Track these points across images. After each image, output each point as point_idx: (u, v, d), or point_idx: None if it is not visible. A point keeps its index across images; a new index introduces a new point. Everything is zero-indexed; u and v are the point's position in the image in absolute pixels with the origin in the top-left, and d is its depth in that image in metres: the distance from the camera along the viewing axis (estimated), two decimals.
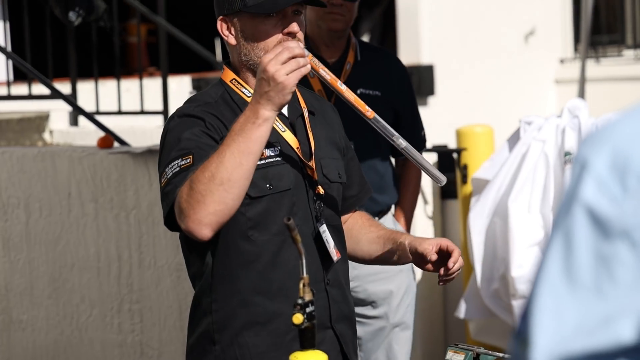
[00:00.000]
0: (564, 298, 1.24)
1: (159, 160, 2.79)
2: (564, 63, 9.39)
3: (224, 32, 2.81)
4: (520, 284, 4.97)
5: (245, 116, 2.62)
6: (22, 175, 5.24)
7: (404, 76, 4.34)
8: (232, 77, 2.84)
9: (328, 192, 2.86)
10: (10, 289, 5.33)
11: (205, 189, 2.58)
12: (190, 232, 2.62)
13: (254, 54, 2.77)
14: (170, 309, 5.01)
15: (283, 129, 2.81)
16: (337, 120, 3.02)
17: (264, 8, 2.74)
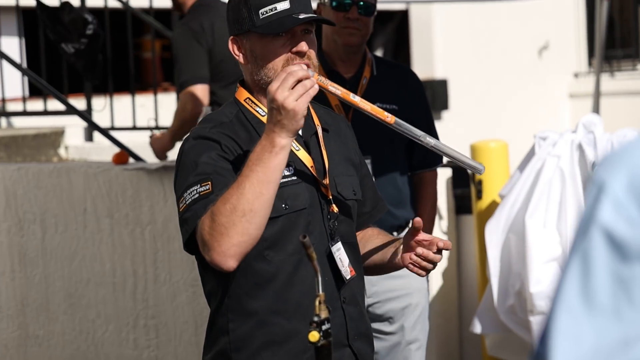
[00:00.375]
0: (582, 321, 1.24)
1: (175, 182, 2.80)
2: (578, 77, 9.38)
3: (235, 51, 2.84)
4: (538, 300, 4.97)
5: (262, 145, 2.63)
6: (37, 191, 5.26)
7: (420, 90, 4.35)
8: (246, 96, 2.85)
9: (343, 209, 2.86)
10: (27, 304, 5.34)
11: (227, 221, 2.59)
12: (215, 264, 2.64)
13: (264, 73, 2.79)
14: (186, 324, 5.02)
15: (297, 147, 2.82)
16: (351, 135, 3.03)
17: (272, 28, 2.76)
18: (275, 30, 2.75)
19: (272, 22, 2.76)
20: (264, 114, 2.81)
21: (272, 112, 2.61)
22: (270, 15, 2.77)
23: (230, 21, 2.85)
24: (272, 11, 2.78)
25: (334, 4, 4.15)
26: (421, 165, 4.32)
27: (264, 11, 2.78)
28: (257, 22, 2.77)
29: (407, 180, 4.33)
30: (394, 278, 4.23)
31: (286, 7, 2.78)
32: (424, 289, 4.29)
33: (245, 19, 2.79)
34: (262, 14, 2.78)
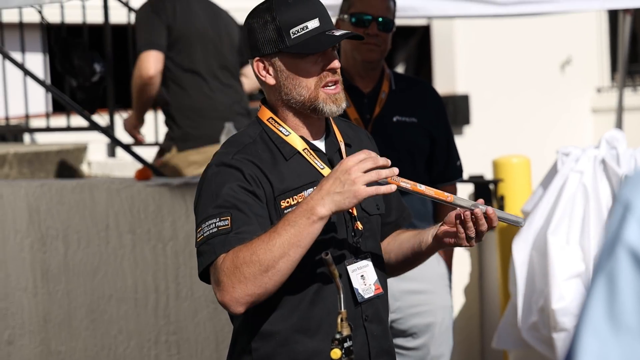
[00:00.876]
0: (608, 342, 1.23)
1: (195, 208, 2.79)
2: (600, 92, 9.36)
3: (261, 72, 2.80)
4: (561, 317, 4.95)
5: (302, 209, 2.61)
6: (60, 206, 5.28)
7: (439, 105, 4.35)
8: (269, 115, 2.83)
9: (367, 225, 2.85)
10: (49, 319, 5.36)
11: (249, 272, 2.60)
12: (224, 306, 2.65)
13: (296, 92, 2.77)
14: (207, 340, 5.02)
15: (322, 166, 2.81)
16: (373, 147, 3.01)
17: (309, 48, 2.74)
18: (314, 49, 2.73)
19: (307, 41, 2.74)
20: (287, 133, 2.80)
21: (335, 182, 2.59)
22: (303, 34, 2.75)
23: (255, 42, 2.79)
24: (304, 30, 2.75)
25: (354, 20, 4.16)
26: (441, 179, 4.32)
27: (295, 30, 2.75)
28: (288, 41, 2.75)
29: None
30: (418, 294, 4.22)
31: (317, 25, 2.76)
32: (448, 305, 4.29)
33: (275, 39, 2.76)
34: (294, 33, 2.75)
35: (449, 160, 4.32)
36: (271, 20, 2.77)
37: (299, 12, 2.76)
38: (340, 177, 2.58)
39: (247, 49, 2.84)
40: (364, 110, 4.21)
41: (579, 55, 9.45)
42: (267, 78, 2.80)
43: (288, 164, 2.77)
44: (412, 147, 4.23)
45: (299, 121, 2.81)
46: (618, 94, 8.61)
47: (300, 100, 2.76)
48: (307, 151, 2.80)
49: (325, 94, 2.77)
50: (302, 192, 2.75)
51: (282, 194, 2.74)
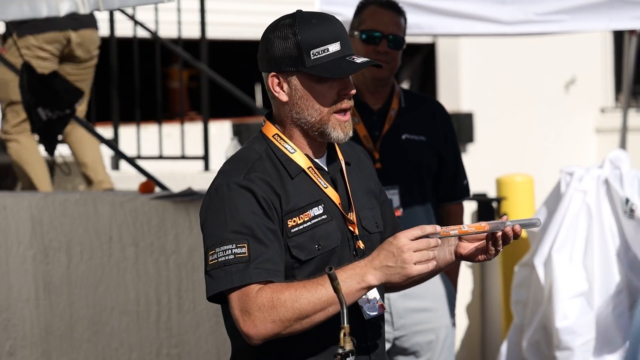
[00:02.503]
0: None
1: (203, 225, 2.74)
2: (604, 112, 9.37)
3: (275, 88, 2.77)
4: (564, 335, 4.94)
5: (354, 272, 2.63)
6: (64, 219, 5.29)
7: (448, 124, 4.35)
8: (275, 132, 2.80)
9: (367, 244, 2.84)
10: (50, 331, 5.35)
11: (285, 316, 2.61)
12: (246, 336, 2.65)
13: (308, 113, 2.75)
14: (209, 354, 5.01)
15: (325, 185, 2.80)
16: (370, 164, 3.00)
17: (328, 72, 2.72)
18: (333, 75, 2.72)
19: (327, 65, 2.72)
20: (292, 151, 2.78)
21: (387, 257, 2.61)
22: (323, 57, 2.73)
23: (273, 56, 2.76)
24: (324, 52, 2.73)
25: (364, 36, 4.17)
26: (448, 198, 4.32)
27: (316, 52, 2.73)
28: (308, 62, 2.72)
29: (434, 212, 4.32)
30: (422, 312, 4.21)
31: (337, 49, 2.74)
32: (450, 323, 4.28)
33: (295, 57, 2.73)
34: (314, 54, 2.73)
35: (456, 179, 4.32)
36: (293, 38, 2.73)
37: (321, 33, 2.73)
38: (394, 251, 2.61)
39: (263, 61, 2.80)
40: (373, 127, 4.21)
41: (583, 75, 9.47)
42: (280, 94, 2.77)
43: (293, 182, 2.76)
44: (420, 166, 4.22)
45: (304, 140, 2.80)
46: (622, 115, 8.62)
47: (311, 121, 2.75)
48: (312, 170, 2.79)
49: (335, 120, 2.76)
50: (308, 211, 2.75)
51: (289, 214, 2.73)
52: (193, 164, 7.21)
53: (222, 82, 7.30)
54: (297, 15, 2.76)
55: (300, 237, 2.73)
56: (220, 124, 8.26)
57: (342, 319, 2.51)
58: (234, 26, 9.57)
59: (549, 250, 5.11)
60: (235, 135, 7.08)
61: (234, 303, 2.66)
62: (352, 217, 2.82)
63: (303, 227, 2.73)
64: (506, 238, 2.76)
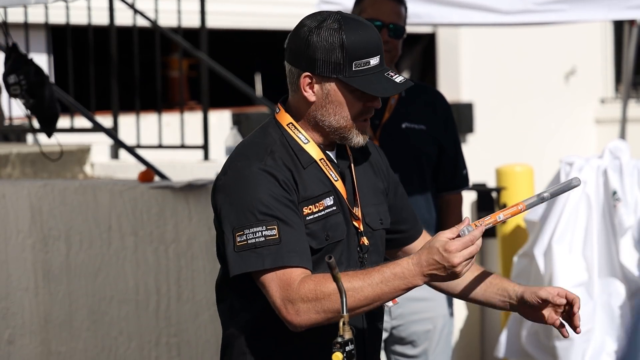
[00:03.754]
0: None
1: (221, 207, 2.74)
2: (604, 103, 9.37)
3: (305, 87, 2.76)
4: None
5: (403, 275, 2.64)
6: (63, 207, 5.28)
7: (448, 113, 4.34)
8: (289, 120, 2.81)
9: (371, 240, 2.85)
10: (50, 320, 5.36)
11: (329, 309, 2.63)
12: (289, 323, 2.67)
13: (334, 118, 2.76)
14: (208, 343, 5.02)
15: (336, 178, 2.81)
16: (380, 159, 2.99)
17: (370, 89, 2.73)
18: (375, 92, 2.73)
19: (369, 79, 2.72)
20: (306, 141, 2.79)
21: (438, 266, 2.62)
22: (364, 70, 2.73)
23: (313, 57, 2.74)
24: (366, 65, 2.74)
25: None
26: (447, 188, 4.32)
27: (358, 63, 2.73)
28: (348, 72, 2.72)
29: (434, 202, 4.32)
30: (419, 301, 4.22)
31: (377, 63, 2.75)
32: (448, 313, 4.28)
33: (339, 64, 2.72)
34: (356, 65, 2.73)
35: (456, 168, 4.32)
36: (339, 46, 2.73)
37: (365, 45, 2.74)
38: (445, 265, 2.61)
39: (298, 57, 2.78)
40: (373, 116, 4.20)
41: (583, 65, 9.46)
42: (309, 95, 2.77)
43: (306, 172, 2.77)
44: (420, 155, 4.22)
45: (317, 134, 2.81)
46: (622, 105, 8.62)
47: (335, 126, 2.77)
48: (324, 161, 2.80)
49: (359, 126, 2.78)
50: (322, 200, 2.76)
51: (305, 201, 2.74)
52: (193, 153, 7.21)
53: (221, 72, 7.29)
54: (342, 20, 2.75)
55: (314, 225, 2.74)
56: (220, 114, 8.26)
57: (342, 308, 2.52)
58: (234, 15, 9.56)
59: (548, 240, 5.11)
60: (235, 125, 7.07)
61: (274, 291, 2.67)
62: (357, 213, 2.82)
63: (317, 215, 2.75)
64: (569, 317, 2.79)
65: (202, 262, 5.00)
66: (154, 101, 7.35)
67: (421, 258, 2.63)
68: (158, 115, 7.13)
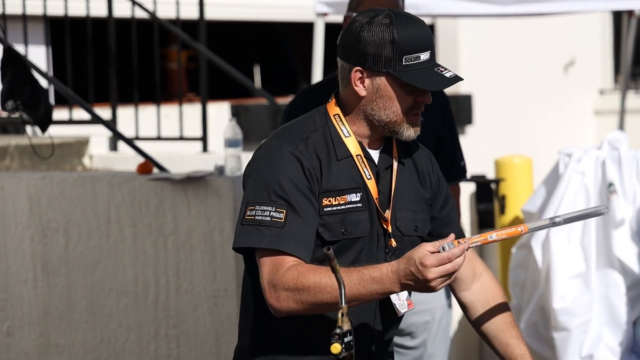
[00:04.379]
0: None
1: (247, 179, 2.79)
2: (603, 94, 9.36)
3: (356, 82, 2.78)
4: (562, 316, 4.95)
5: (380, 280, 2.65)
6: (61, 199, 5.28)
7: (446, 105, 4.34)
8: (336, 112, 2.82)
9: (401, 244, 2.84)
10: (49, 312, 5.36)
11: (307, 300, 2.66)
12: (270, 307, 2.71)
13: (385, 113, 2.77)
14: (207, 335, 5.02)
15: (369, 176, 2.81)
16: (431, 169, 2.98)
17: (421, 83, 2.74)
18: (426, 87, 2.74)
19: (418, 74, 2.74)
20: (347, 135, 2.80)
21: (413, 278, 2.63)
22: (414, 64, 2.75)
23: (364, 52, 2.76)
24: (416, 60, 2.75)
25: None
26: (445, 179, 4.31)
27: (408, 57, 2.75)
28: (399, 67, 2.74)
29: None
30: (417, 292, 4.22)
31: (427, 58, 2.77)
32: (446, 304, 4.28)
33: (390, 59, 2.74)
34: (407, 60, 2.74)
35: (454, 160, 4.31)
36: (389, 40, 2.74)
37: (415, 40, 2.75)
38: (419, 277, 2.62)
39: (350, 52, 2.80)
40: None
41: (582, 57, 9.45)
42: (360, 89, 2.78)
43: (338, 164, 2.78)
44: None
45: (365, 129, 2.82)
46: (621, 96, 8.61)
47: (385, 120, 2.78)
48: (360, 157, 2.81)
49: (410, 120, 2.79)
50: (345, 195, 2.77)
51: (326, 192, 2.76)
52: (191, 145, 7.20)
53: (220, 64, 7.29)
54: (393, 15, 2.77)
55: (330, 217, 2.75)
56: (219, 105, 8.25)
57: (340, 300, 2.52)
58: (233, 7, 9.54)
59: (546, 231, 5.11)
60: (234, 117, 7.06)
61: (264, 271, 2.71)
62: (387, 215, 2.82)
63: (336, 209, 2.76)
64: None
65: (201, 254, 5.01)
66: (152, 93, 7.34)
67: (400, 267, 2.65)
68: (157, 107, 7.12)
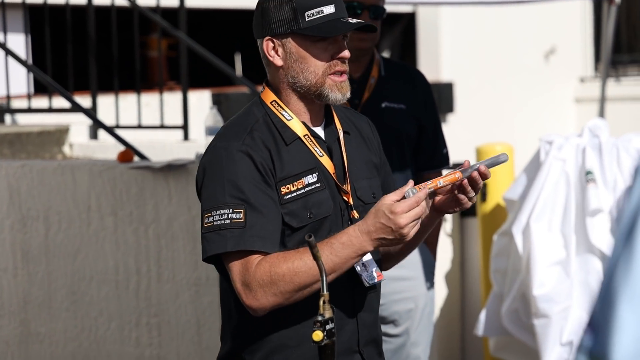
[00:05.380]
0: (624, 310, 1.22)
1: (200, 188, 2.75)
2: (584, 82, 9.38)
3: (270, 52, 2.77)
4: (542, 303, 4.96)
5: (350, 243, 2.63)
6: (41, 188, 5.26)
7: (428, 92, 4.34)
8: (273, 98, 2.81)
9: (362, 214, 2.83)
10: (29, 301, 5.34)
11: (285, 289, 2.63)
12: (250, 309, 2.68)
13: (303, 76, 2.76)
14: (189, 323, 5.01)
15: (321, 153, 2.79)
16: (372, 135, 2.99)
17: (322, 31, 2.73)
18: (326, 34, 2.72)
19: (322, 26, 2.73)
20: (289, 118, 2.78)
21: (385, 229, 2.61)
22: (317, 18, 2.74)
23: (268, 21, 2.77)
24: (319, 14, 2.74)
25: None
26: (427, 167, 4.32)
27: (310, 13, 2.74)
28: (302, 23, 2.73)
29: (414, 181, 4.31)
30: (402, 280, 4.22)
31: (332, 11, 2.75)
32: (430, 292, 4.29)
33: (291, 19, 2.74)
34: (309, 16, 2.74)
35: (435, 147, 4.32)
36: (287, 1, 2.75)
37: None
38: (392, 227, 2.60)
39: (258, 27, 2.81)
40: (352, 95, 4.19)
41: (563, 45, 9.47)
42: (275, 59, 2.78)
43: (288, 149, 2.76)
44: (400, 134, 4.23)
45: (302, 106, 2.80)
46: (601, 84, 8.63)
47: (307, 84, 2.76)
48: (308, 137, 2.79)
49: (331, 81, 2.76)
50: (302, 178, 2.75)
51: (282, 180, 2.73)
52: (172, 133, 7.18)
53: (201, 52, 7.26)
54: None
55: (293, 204, 2.73)
56: (200, 94, 8.23)
57: (322, 287, 2.51)
58: None
59: (527, 218, 5.12)
60: (215, 105, 7.04)
61: (235, 275, 2.68)
62: (347, 187, 2.81)
63: (296, 194, 2.73)
64: (474, 183, 2.73)
65: (182, 242, 4.99)
66: (132, 81, 7.32)
67: (368, 223, 2.63)
68: (137, 95, 7.09)
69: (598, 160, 5.11)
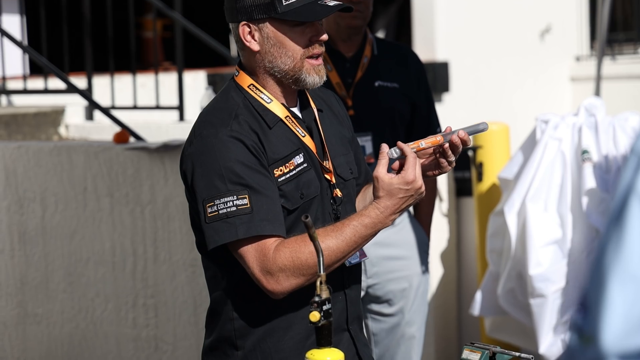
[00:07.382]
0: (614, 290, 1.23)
1: (192, 178, 2.70)
2: (579, 61, 9.37)
3: (246, 37, 2.74)
4: (538, 283, 4.97)
5: (373, 224, 2.67)
6: (38, 169, 5.26)
7: (421, 71, 4.34)
8: (250, 82, 2.78)
9: (344, 191, 2.85)
10: (26, 282, 5.34)
11: (308, 272, 2.64)
12: (271, 293, 2.67)
13: (281, 61, 2.73)
14: (185, 304, 5.02)
15: (303, 134, 2.78)
16: (342, 109, 2.99)
17: (301, 16, 2.70)
18: (307, 18, 2.70)
19: (300, 10, 2.70)
20: (269, 101, 2.76)
21: (406, 200, 2.66)
22: (295, 2, 2.71)
23: (244, 5, 2.74)
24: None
25: None
26: None
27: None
28: (280, 8, 2.70)
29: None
30: (395, 260, 4.23)
31: None
32: (424, 271, 4.30)
33: (267, 4, 2.71)
34: (286, 0, 2.71)
35: (429, 126, 4.32)
36: None
37: None
38: (413, 194, 2.67)
39: (233, 12, 2.77)
40: (345, 74, 4.21)
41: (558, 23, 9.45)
42: (252, 44, 2.75)
43: (272, 132, 2.74)
44: (393, 113, 4.23)
45: (278, 89, 2.78)
46: (597, 63, 8.62)
47: (284, 69, 2.73)
48: (289, 119, 2.77)
49: (309, 65, 2.74)
50: (291, 159, 2.74)
51: (274, 163, 2.72)
52: (168, 114, 7.17)
53: (196, 32, 7.25)
54: None
55: (287, 186, 2.72)
56: (195, 74, 8.22)
57: (319, 268, 2.51)
58: None
59: (522, 198, 5.13)
60: (210, 85, 7.03)
61: (251, 261, 2.66)
62: (328, 165, 2.81)
63: (289, 175, 2.72)
64: (454, 147, 2.76)
65: (179, 223, 5.00)
66: (128, 62, 7.30)
67: (386, 204, 2.67)
68: (133, 76, 7.08)
69: (594, 139, 5.11)
